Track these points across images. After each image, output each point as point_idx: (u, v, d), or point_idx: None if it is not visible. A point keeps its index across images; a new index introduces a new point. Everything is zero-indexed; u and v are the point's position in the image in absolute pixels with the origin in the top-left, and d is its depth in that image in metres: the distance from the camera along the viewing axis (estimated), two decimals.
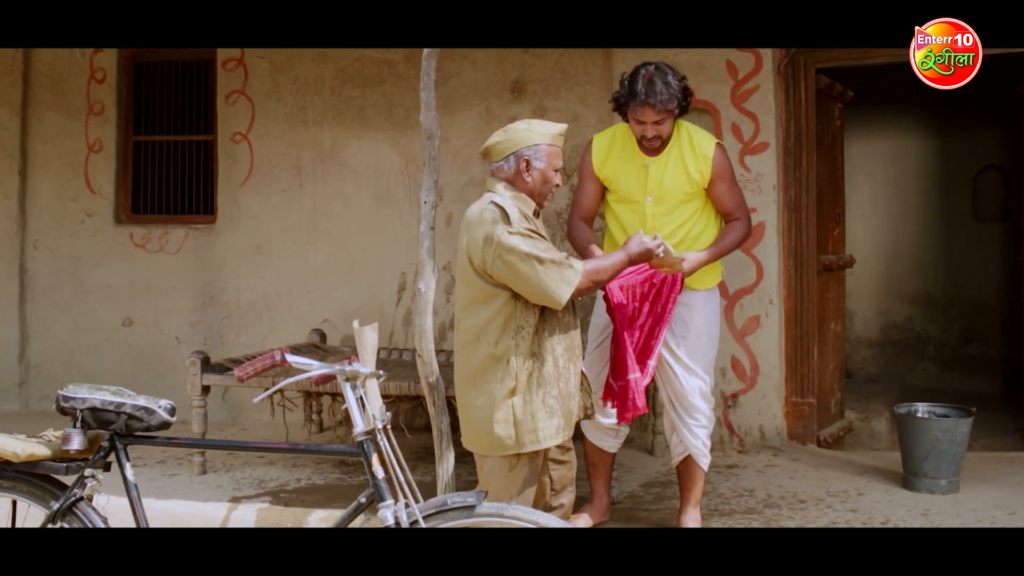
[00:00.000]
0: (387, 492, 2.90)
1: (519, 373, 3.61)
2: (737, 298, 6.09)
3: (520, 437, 3.62)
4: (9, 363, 7.42)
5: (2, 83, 7.39)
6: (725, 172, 4.32)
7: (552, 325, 3.68)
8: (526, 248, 3.53)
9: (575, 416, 3.77)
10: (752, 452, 6.00)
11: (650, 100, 4.10)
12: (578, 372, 3.77)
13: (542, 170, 3.75)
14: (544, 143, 3.75)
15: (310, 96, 6.92)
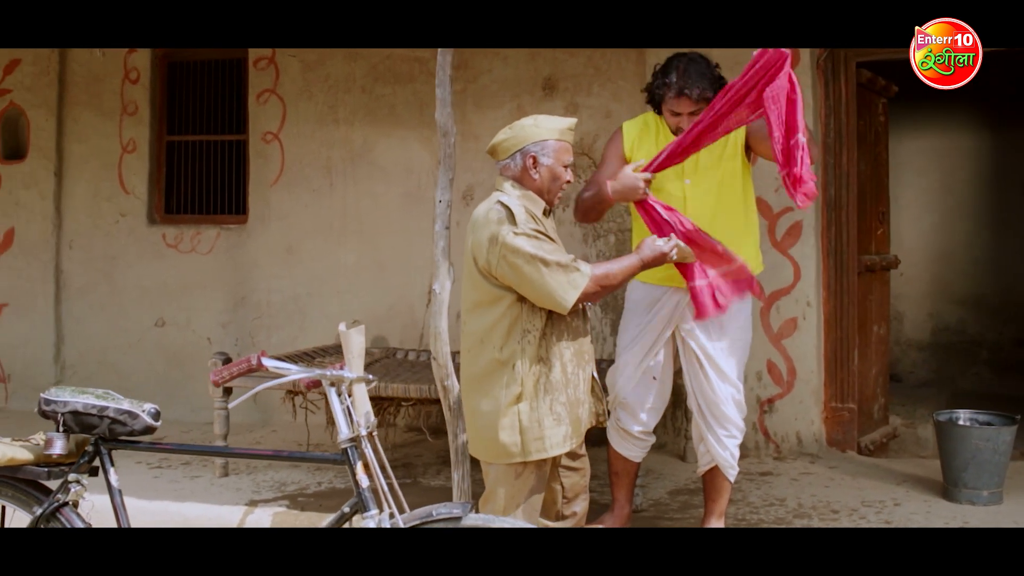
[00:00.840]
0: (371, 502, 2.79)
1: (525, 379, 3.48)
2: (773, 300, 5.90)
3: (526, 445, 3.49)
4: (45, 363, 7.45)
5: (39, 84, 7.42)
6: (759, 127, 4.03)
7: (560, 329, 3.55)
8: (531, 249, 3.40)
9: (585, 423, 3.63)
10: (788, 459, 5.80)
11: (686, 91, 3.98)
12: (587, 378, 3.63)
13: (550, 166, 3.60)
14: (552, 139, 3.61)
15: (341, 95, 6.84)
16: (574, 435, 3.56)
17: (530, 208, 3.57)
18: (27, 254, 7.49)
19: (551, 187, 3.64)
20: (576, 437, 3.58)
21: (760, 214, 5.81)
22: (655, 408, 4.30)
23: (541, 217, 3.60)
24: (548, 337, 3.52)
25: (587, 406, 3.63)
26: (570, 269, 3.42)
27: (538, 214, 3.59)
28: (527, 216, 3.51)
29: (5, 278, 7.55)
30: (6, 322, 7.56)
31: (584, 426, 3.63)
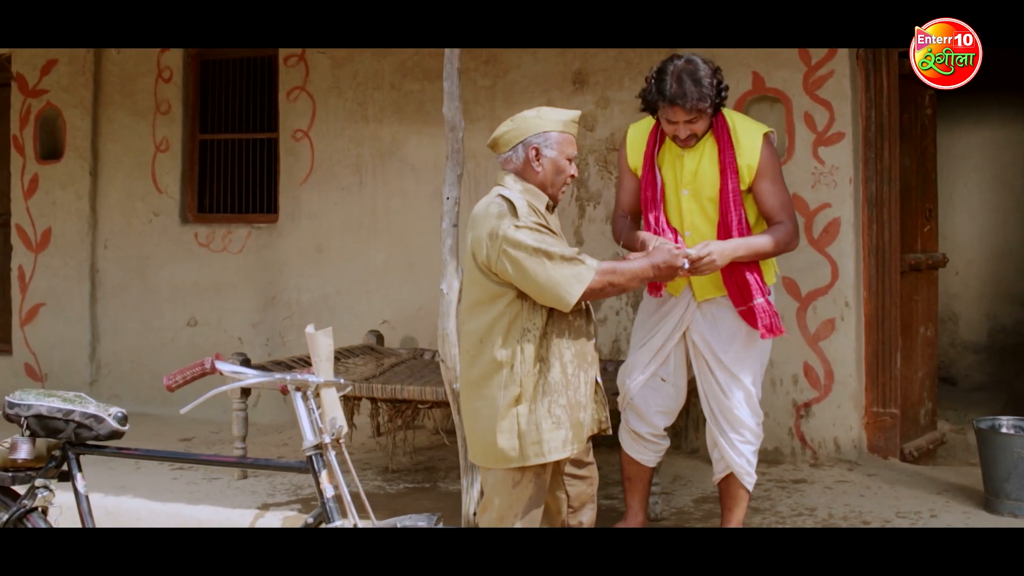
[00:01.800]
0: (336, 512, 2.66)
1: (524, 380, 3.33)
2: (810, 300, 5.67)
3: (524, 449, 3.34)
4: (81, 362, 7.46)
5: (75, 84, 7.44)
6: (769, 167, 3.92)
7: (560, 328, 3.40)
8: (534, 243, 3.27)
9: (587, 429, 3.46)
10: (825, 466, 5.57)
11: (679, 101, 3.73)
12: (590, 381, 3.47)
13: (553, 159, 3.45)
14: (555, 130, 3.47)
15: (370, 91, 6.74)
16: (575, 440, 3.40)
17: (532, 202, 3.43)
18: (64, 253, 7.52)
19: (554, 180, 3.49)
20: (577, 442, 3.42)
21: (796, 210, 5.63)
22: (666, 411, 4.12)
23: (544, 212, 3.46)
24: (548, 336, 3.38)
25: (590, 410, 3.47)
26: (575, 262, 3.29)
27: (541, 208, 3.45)
28: (529, 210, 3.37)
29: (43, 277, 7.59)
30: (44, 321, 7.59)
31: (587, 431, 3.46)
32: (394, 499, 5.03)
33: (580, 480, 3.64)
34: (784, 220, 3.92)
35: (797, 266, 5.67)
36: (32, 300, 7.62)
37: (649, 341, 4.09)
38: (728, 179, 3.86)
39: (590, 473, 3.64)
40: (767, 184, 3.91)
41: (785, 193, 3.96)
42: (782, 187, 3.96)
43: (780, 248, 3.91)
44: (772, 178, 3.92)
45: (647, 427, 4.11)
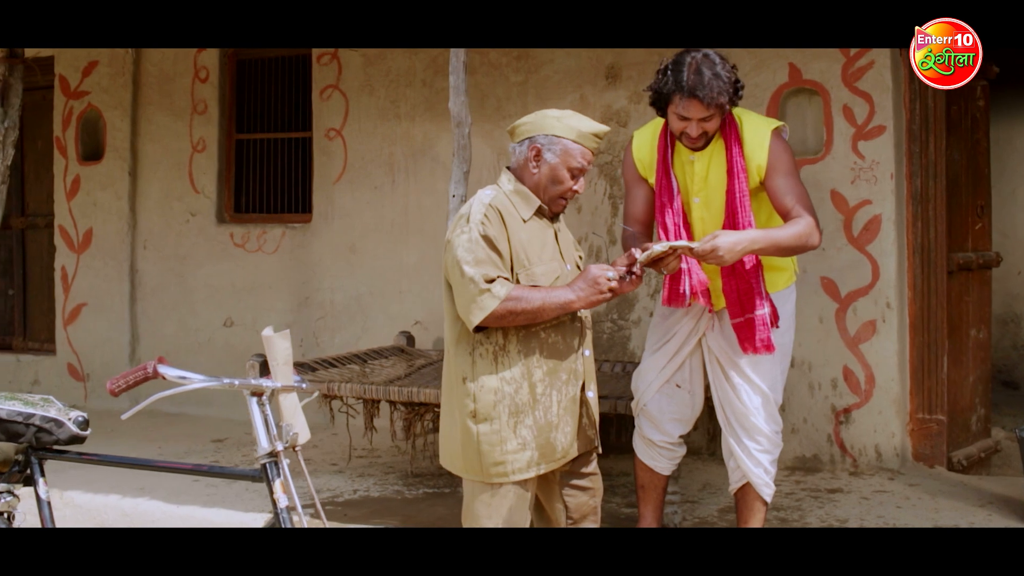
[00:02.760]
0: (288, 522, 2.54)
1: (479, 396, 3.14)
2: (850, 301, 5.43)
3: (485, 468, 3.17)
4: (120, 362, 7.48)
5: (114, 85, 7.47)
6: (780, 161, 3.68)
7: (529, 346, 3.18)
8: (461, 252, 3.08)
9: (562, 448, 3.24)
10: (866, 474, 5.32)
11: (698, 93, 3.48)
12: (566, 399, 3.24)
13: (553, 165, 3.20)
14: (567, 137, 3.20)
15: (402, 88, 6.65)
16: (542, 460, 3.20)
17: (514, 206, 3.19)
18: (104, 254, 7.55)
19: (548, 188, 3.24)
20: (545, 463, 3.21)
21: (835, 207, 5.41)
22: (680, 419, 3.93)
23: (528, 219, 3.20)
24: (511, 354, 3.16)
25: (567, 430, 3.25)
26: (480, 287, 3.05)
27: (525, 215, 3.20)
28: (487, 217, 3.12)
29: (84, 278, 7.63)
30: (85, 321, 7.63)
31: (561, 451, 3.25)
32: (410, 504, 4.92)
33: (580, 491, 3.46)
34: (803, 213, 3.65)
35: (836, 265, 5.44)
36: (74, 300, 7.67)
37: (664, 346, 3.91)
38: (736, 180, 3.65)
39: (592, 484, 3.47)
40: (780, 179, 3.69)
41: (801, 187, 3.74)
42: (797, 181, 3.73)
43: (802, 242, 3.62)
44: (785, 172, 3.70)
45: (660, 435, 3.93)
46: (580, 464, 3.41)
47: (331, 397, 5.20)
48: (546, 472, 3.25)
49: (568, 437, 3.25)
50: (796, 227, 3.62)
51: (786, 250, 3.64)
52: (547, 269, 3.22)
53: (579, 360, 3.29)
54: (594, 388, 3.37)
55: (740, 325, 3.70)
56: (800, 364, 5.53)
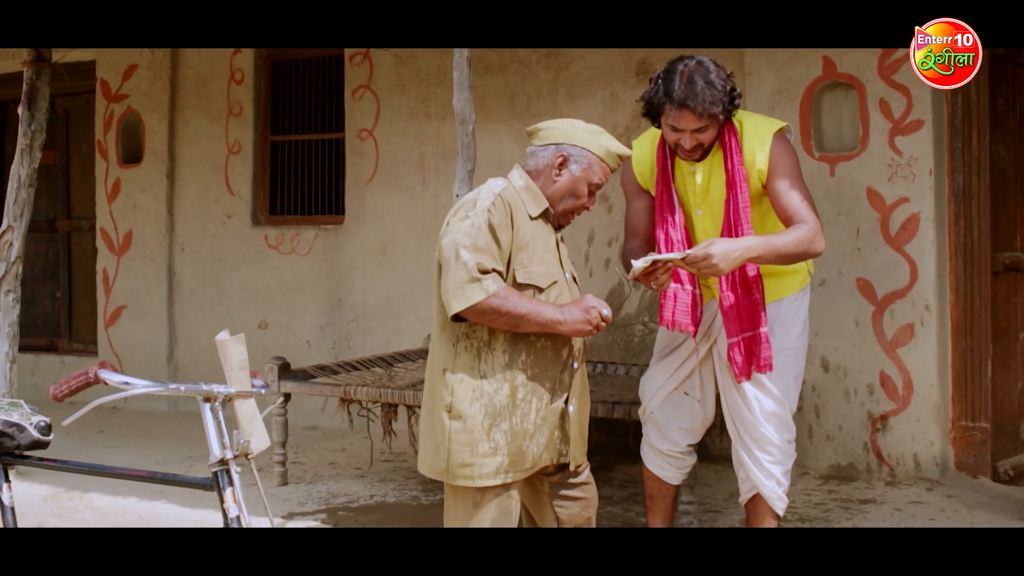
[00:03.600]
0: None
1: (456, 389, 3.03)
2: (887, 303, 5.21)
3: (452, 468, 3.04)
4: (159, 364, 7.51)
5: (153, 88, 7.50)
6: (783, 164, 3.46)
7: (517, 348, 3.05)
8: (460, 236, 2.96)
9: (532, 459, 3.09)
10: (903, 484, 5.10)
11: (690, 103, 3.30)
12: (545, 409, 3.10)
13: (576, 177, 3.10)
14: (596, 153, 3.11)
15: (432, 88, 6.56)
16: (511, 468, 3.05)
17: (523, 202, 3.09)
18: (144, 256, 7.59)
19: (564, 199, 3.14)
20: (515, 472, 3.06)
21: (871, 206, 5.20)
22: (688, 428, 3.76)
23: (535, 217, 3.11)
24: (496, 352, 3.04)
25: (541, 440, 3.10)
26: (472, 274, 2.92)
27: (532, 213, 3.10)
28: (502, 207, 3.02)
29: (125, 280, 7.68)
30: (126, 323, 7.68)
31: (531, 461, 3.09)
32: (423, 510, 4.82)
33: (572, 501, 3.32)
34: (805, 218, 3.42)
35: (873, 266, 5.23)
36: (115, 302, 7.72)
37: (672, 352, 3.74)
38: (735, 192, 3.46)
39: (584, 494, 3.32)
40: (782, 183, 3.46)
41: (805, 191, 3.51)
42: (800, 185, 3.50)
43: (803, 248, 3.40)
44: (788, 176, 3.47)
45: (668, 444, 3.77)
46: (572, 473, 3.28)
47: (348, 401, 5.12)
48: (514, 481, 3.09)
49: (540, 447, 3.10)
50: (797, 233, 3.40)
51: (786, 258, 3.42)
52: (546, 271, 3.10)
53: (567, 371, 3.15)
54: (579, 402, 3.20)
55: (742, 344, 3.49)
56: (835, 369, 5.32)
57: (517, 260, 3.03)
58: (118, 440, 6.55)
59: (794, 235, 3.39)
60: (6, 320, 5.53)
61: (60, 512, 5.15)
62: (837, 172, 5.32)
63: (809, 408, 5.39)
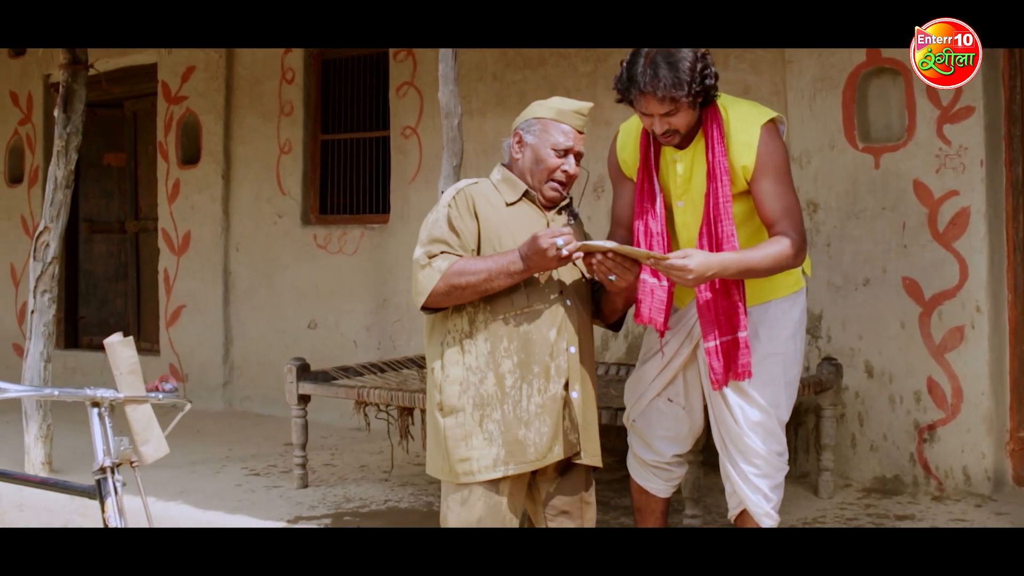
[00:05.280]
0: None
1: (444, 386, 3.03)
2: (935, 305, 4.85)
3: (452, 466, 3.02)
4: (215, 364, 7.56)
5: (209, 89, 7.55)
6: (771, 163, 3.19)
7: (497, 334, 3.00)
8: (424, 232, 3.06)
9: (532, 451, 2.99)
10: (951, 499, 4.74)
11: (649, 87, 3.09)
12: (536, 394, 3.01)
13: (533, 146, 3.14)
14: (547, 117, 3.15)
15: (473, 83, 6.42)
16: (509, 459, 2.98)
17: (498, 191, 3.15)
18: (201, 256, 7.65)
19: (534, 171, 3.14)
20: (514, 463, 2.98)
21: (918, 200, 4.87)
22: (674, 437, 3.50)
23: (513, 202, 3.11)
24: (477, 342, 3.01)
25: (544, 430, 3.00)
26: (426, 264, 3.00)
27: (509, 199, 3.12)
28: (462, 200, 3.09)
29: (184, 280, 7.75)
30: (185, 323, 7.75)
31: (535, 453, 3.00)
32: (432, 517, 4.65)
33: (564, 516, 3.17)
34: (786, 230, 3.18)
35: (920, 264, 4.88)
36: (175, 302, 7.80)
37: (656, 355, 3.51)
38: (715, 184, 3.20)
39: (572, 508, 3.16)
40: (768, 184, 3.20)
41: (791, 196, 3.24)
42: (787, 188, 3.23)
43: (779, 265, 3.17)
44: (775, 176, 3.21)
45: (651, 454, 3.52)
46: (568, 486, 3.17)
47: (363, 404, 5.02)
48: (516, 475, 3.02)
49: (544, 438, 3.01)
50: (773, 248, 3.16)
51: (761, 273, 3.18)
52: None
53: (562, 356, 3.05)
54: (582, 389, 3.10)
55: (720, 349, 3.23)
56: (880, 375, 4.99)
57: (487, 246, 3.03)
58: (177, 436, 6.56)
59: (770, 250, 3.16)
60: (41, 320, 5.59)
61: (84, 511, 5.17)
62: (882, 164, 4.97)
63: (852, 416, 5.07)
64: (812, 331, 5.17)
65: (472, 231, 3.04)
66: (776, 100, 5.30)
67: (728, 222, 3.20)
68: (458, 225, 3.04)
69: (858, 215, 5.04)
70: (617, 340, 5.86)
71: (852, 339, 5.07)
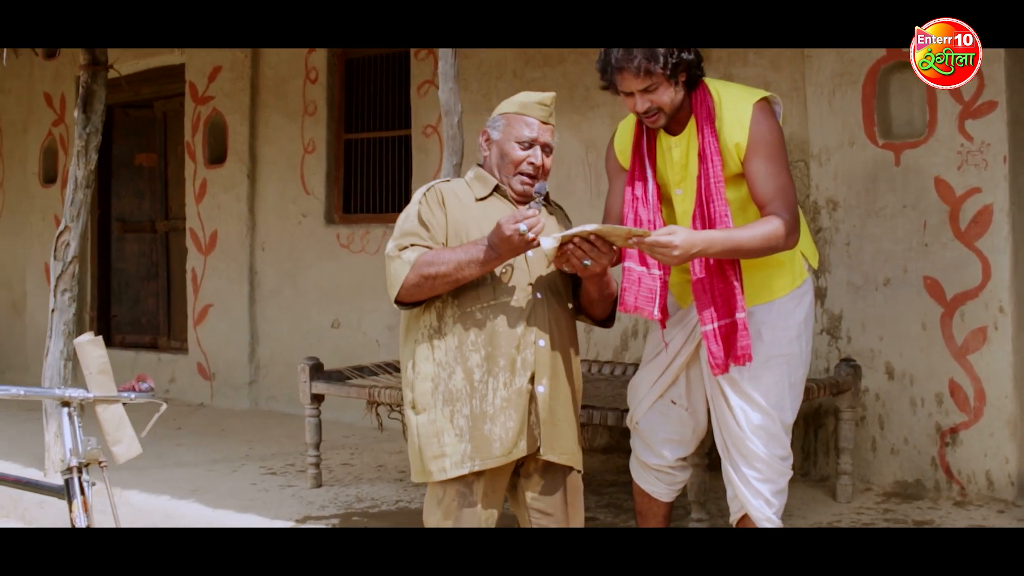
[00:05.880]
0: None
1: (415, 383, 3.01)
2: (957, 305, 4.72)
3: (426, 463, 2.98)
4: (242, 363, 7.59)
5: (235, 89, 7.58)
6: (763, 141, 3.12)
7: (465, 327, 2.97)
8: (396, 228, 3.06)
9: (498, 446, 2.94)
10: (973, 505, 4.61)
11: (623, 62, 3.07)
12: (502, 389, 2.96)
13: (498, 141, 3.17)
14: (509, 111, 3.19)
15: (493, 81, 6.38)
16: (476, 455, 2.94)
17: (469, 188, 3.16)
18: (227, 256, 7.68)
19: (502, 166, 3.14)
20: (481, 459, 2.94)
21: (939, 197, 4.76)
22: (677, 440, 3.43)
23: (484, 197, 3.11)
24: (446, 336, 2.99)
25: (509, 424, 2.95)
26: (396, 257, 3.00)
27: (480, 194, 3.12)
28: (432, 196, 3.10)
29: (211, 280, 7.79)
30: (212, 322, 7.79)
31: (500, 448, 2.94)
32: None
33: (547, 518, 3.12)
34: (778, 210, 3.10)
35: (941, 264, 4.76)
36: (203, 302, 7.84)
37: (658, 356, 3.44)
38: (706, 165, 3.14)
39: (552, 509, 3.10)
40: (760, 163, 3.14)
41: (784, 175, 3.17)
42: (780, 168, 3.16)
43: (769, 244, 3.08)
44: (767, 155, 3.14)
45: (655, 458, 3.46)
46: (548, 487, 3.10)
47: (375, 403, 5.00)
48: (491, 473, 2.98)
49: (510, 433, 2.96)
50: (762, 227, 3.08)
51: (750, 253, 3.10)
52: None
53: (529, 349, 2.99)
54: (552, 385, 3.02)
55: (719, 332, 3.16)
56: (900, 377, 4.87)
57: (455, 240, 3.02)
58: (188, 437, 6.61)
59: (760, 230, 3.08)
60: (62, 319, 5.62)
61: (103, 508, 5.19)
62: (903, 160, 4.86)
63: (873, 419, 4.96)
64: (832, 332, 5.07)
65: (442, 225, 3.04)
66: (795, 96, 5.21)
67: (720, 202, 3.14)
68: (427, 219, 3.03)
69: (878, 213, 4.93)
70: (637, 340, 5.79)
71: (872, 340, 4.96)
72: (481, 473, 2.97)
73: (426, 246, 2.99)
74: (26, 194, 9.14)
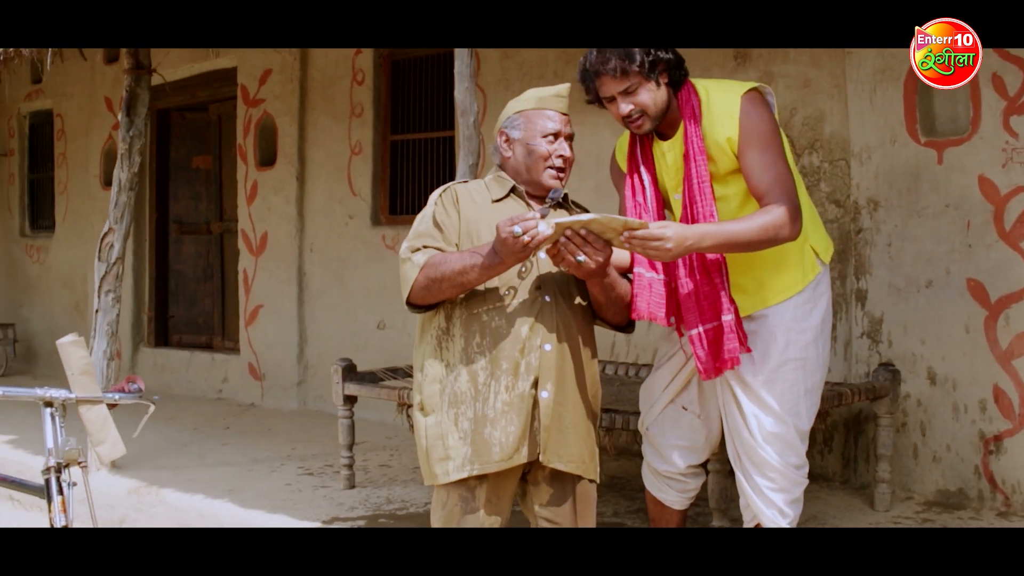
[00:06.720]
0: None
1: (423, 385, 2.98)
2: (1001, 308, 4.56)
3: (431, 466, 2.95)
4: (290, 363, 7.66)
5: (284, 91, 7.65)
6: (755, 131, 3.03)
7: (470, 330, 2.92)
8: (413, 229, 3.04)
9: (497, 450, 2.88)
10: (1018, 515, 4.45)
11: (599, 66, 3.04)
12: (504, 392, 2.90)
13: (521, 140, 3.06)
14: (527, 108, 3.10)
15: (534, 81, 6.31)
16: (475, 459, 2.88)
17: (487, 189, 3.08)
18: (277, 257, 7.75)
19: (530, 164, 3.05)
20: (480, 463, 2.88)
21: (984, 196, 4.61)
22: (689, 447, 3.35)
23: (499, 199, 3.03)
24: (454, 338, 2.95)
25: (511, 429, 2.89)
26: (407, 259, 2.95)
27: (496, 196, 3.05)
28: (447, 196, 3.06)
29: (262, 281, 7.87)
30: (262, 323, 7.87)
31: (500, 453, 2.88)
32: None
33: (556, 526, 3.06)
34: (776, 200, 3.00)
35: (985, 265, 4.60)
36: (253, 302, 7.93)
37: (670, 359, 3.37)
38: (691, 164, 3.07)
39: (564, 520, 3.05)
40: (754, 154, 3.03)
41: (780, 164, 3.05)
42: (775, 157, 3.05)
43: (768, 235, 2.97)
44: (760, 146, 3.03)
45: (665, 464, 3.38)
46: (557, 496, 3.04)
47: (405, 405, 4.98)
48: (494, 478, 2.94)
49: (511, 438, 2.90)
50: (759, 218, 2.98)
51: (748, 246, 2.99)
52: None
53: (533, 353, 2.92)
54: (557, 391, 2.94)
55: (704, 336, 3.07)
56: (943, 382, 4.72)
57: (466, 241, 2.98)
58: (234, 437, 6.68)
59: (758, 220, 2.98)
60: (105, 319, 5.73)
61: (140, 507, 5.27)
62: (945, 159, 4.71)
63: (914, 425, 4.81)
64: (872, 335, 4.93)
65: (455, 226, 3.00)
66: (836, 93, 5.08)
67: (705, 202, 3.07)
68: (442, 220, 3.00)
69: (920, 213, 4.78)
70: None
71: (914, 344, 4.81)
72: (484, 478, 2.93)
73: (438, 248, 2.95)
74: (88, 197, 9.34)
